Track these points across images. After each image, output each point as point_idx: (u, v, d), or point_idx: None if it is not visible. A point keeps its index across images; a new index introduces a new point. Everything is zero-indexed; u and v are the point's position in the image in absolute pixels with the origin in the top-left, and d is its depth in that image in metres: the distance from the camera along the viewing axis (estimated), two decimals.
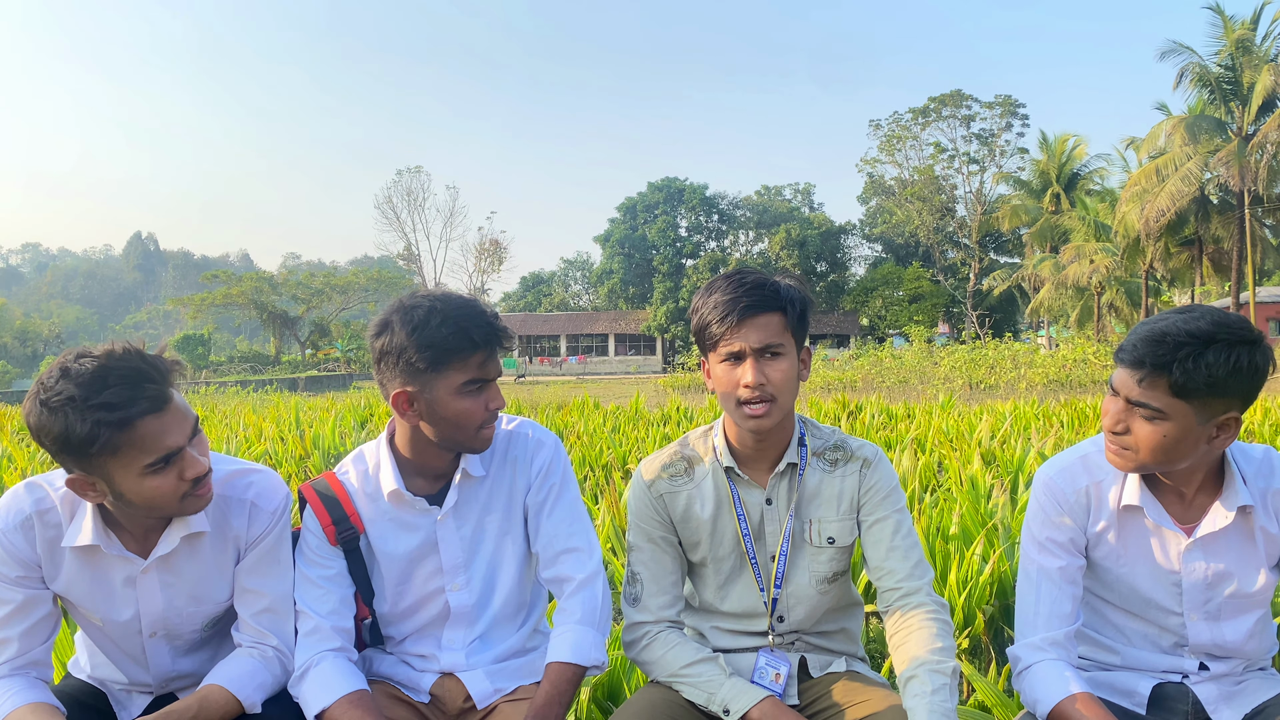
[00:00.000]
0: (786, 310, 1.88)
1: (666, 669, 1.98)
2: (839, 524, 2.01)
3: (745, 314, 1.86)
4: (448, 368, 1.83)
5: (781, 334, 1.88)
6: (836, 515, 2.01)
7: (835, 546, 2.01)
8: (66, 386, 1.61)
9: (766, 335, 1.86)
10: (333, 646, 1.93)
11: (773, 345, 1.87)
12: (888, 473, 2.02)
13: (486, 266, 73.78)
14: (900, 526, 1.98)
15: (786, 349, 1.88)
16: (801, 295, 1.91)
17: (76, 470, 1.68)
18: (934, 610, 1.91)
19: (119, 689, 2.03)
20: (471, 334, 1.83)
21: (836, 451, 2.04)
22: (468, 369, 1.85)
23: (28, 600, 1.83)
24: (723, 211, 64.22)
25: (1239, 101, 31.39)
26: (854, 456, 2.03)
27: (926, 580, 1.95)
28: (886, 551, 1.96)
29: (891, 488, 2.01)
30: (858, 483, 2.01)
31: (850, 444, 2.05)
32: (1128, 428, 1.74)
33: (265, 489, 1.95)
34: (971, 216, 60.18)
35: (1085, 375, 22.49)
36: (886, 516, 1.98)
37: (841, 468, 2.02)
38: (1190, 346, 1.62)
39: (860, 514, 2.02)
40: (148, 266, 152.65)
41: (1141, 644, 1.93)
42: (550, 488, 2.05)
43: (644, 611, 2.04)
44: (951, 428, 8.06)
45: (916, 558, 1.97)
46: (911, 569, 1.95)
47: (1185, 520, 1.85)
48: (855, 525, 2.02)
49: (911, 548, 1.97)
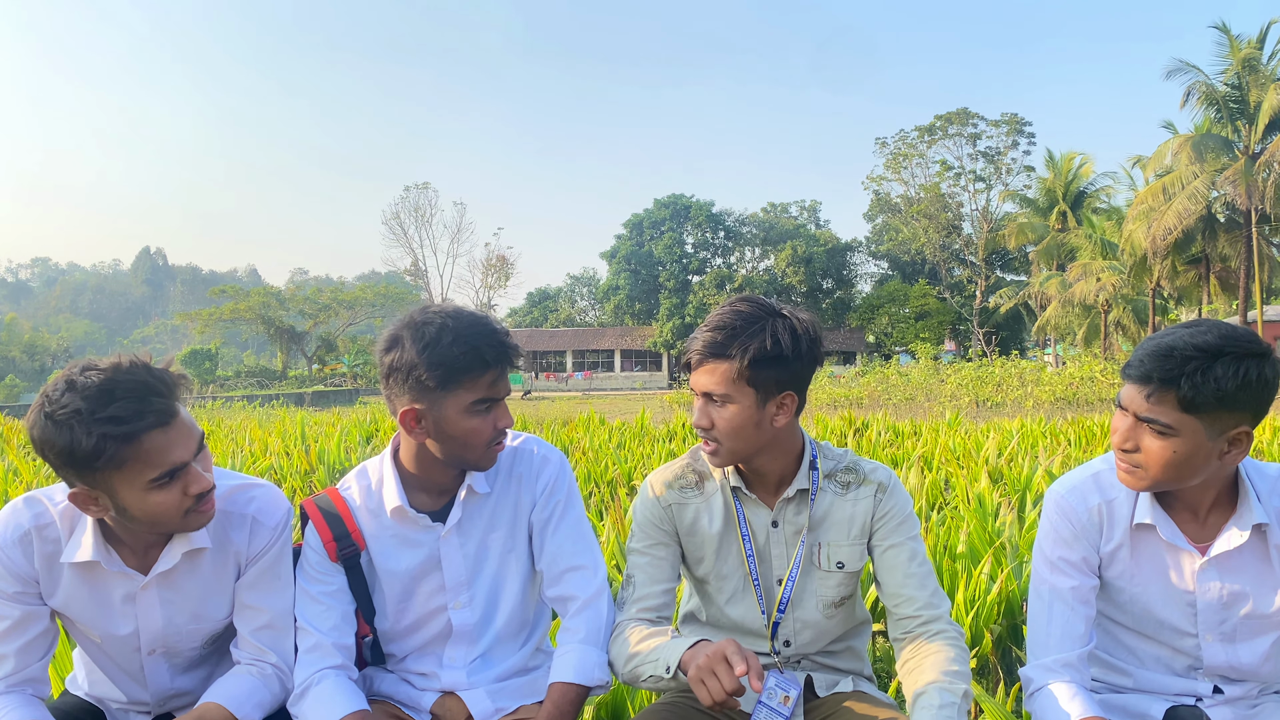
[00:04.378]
0: (739, 360, 1.80)
1: (624, 655, 1.89)
2: (849, 549, 1.97)
3: (698, 360, 1.86)
4: (458, 386, 1.81)
5: (728, 384, 1.82)
6: (847, 540, 1.97)
7: (844, 571, 1.98)
8: (73, 399, 1.59)
9: (710, 383, 1.84)
10: (333, 664, 1.91)
11: (715, 393, 1.84)
12: (903, 498, 1.98)
13: (493, 282, 74.03)
14: (916, 554, 1.94)
15: (735, 398, 1.83)
16: (773, 341, 1.80)
17: (80, 484, 1.66)
18: (953, 638, 1.88)
19: (117, 707, 2.01)
20: (484, 353, 1.80)
21: (849, 474, 2.00)
22: (478, 388, 1.83)
23: (25, 616, 1.81)
24: (729, 228, 64.30)
25: (1246, 120, 31.42)
26: (867, 480, 1.99)
27: (945, 609, 1.92)
28: (903, 578, 1.93)
29: (907, 514, 1.97)
30: (871, 507, 1.97)
31: (863, 467, 2.01)
32: (1137, 444, 1.71)
33: (266, 504, 1.94)
34: (978, 234, 60.22)
35: (1092, 393, 22.44)
36: (902, 543, 1.95)
37: (853, 491, 1.99)
38: (1198, 360, 1.60)
39: (873, 539, 1.98)
40: (156, 281, 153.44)
41: (1154, 666, 1.90)
42: (555, 505, 2.04)
43: (625, 612, 2.01)
44: (958, 445, 8.01)
45: (933, 585, 1.94)
46: (929, 597, 1.92)
47: (1199, 539, 1.82)
48: (865, 550, 1.99)
49: (928, 575, 1.94)
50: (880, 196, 65.48)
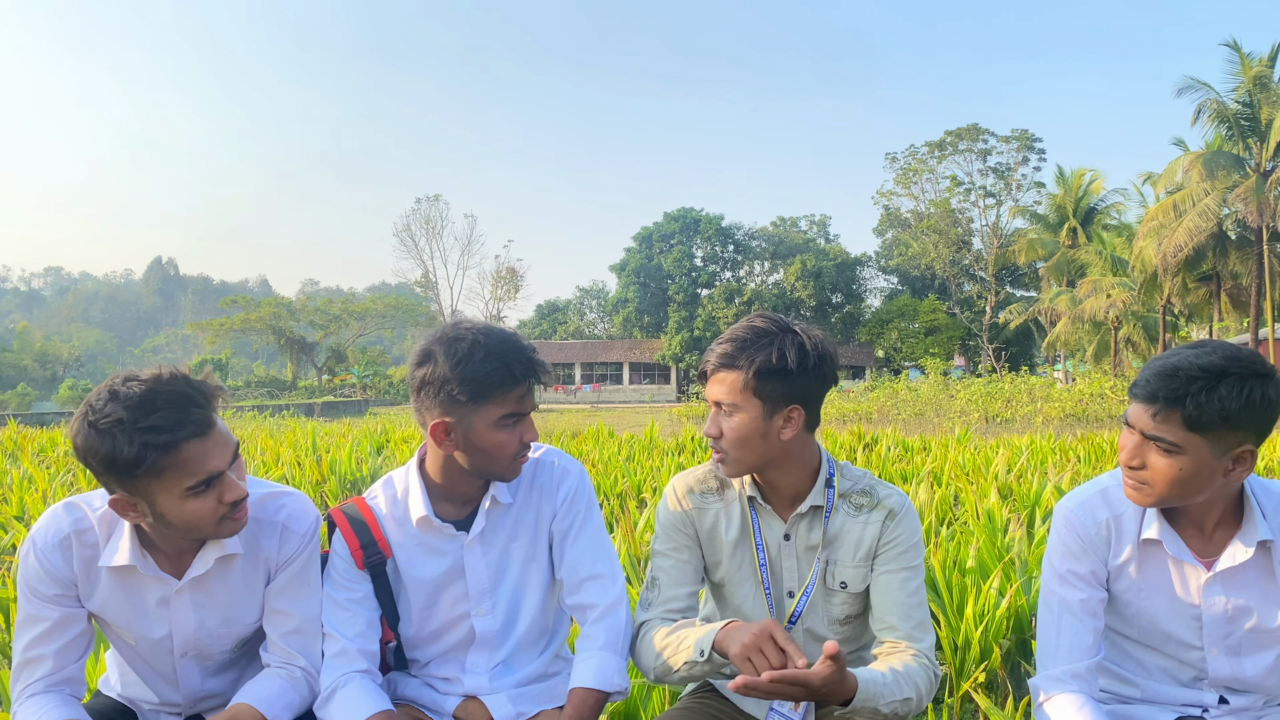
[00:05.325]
0: (746, 371, 1.86)
1: (652, 652, 1.95)
2: (854, 570, 2.00)
3: (711, 370, 1.93)
4: (488, 401, 1.87)
5: (736, 394, 1.88)
6: (853, 561, 2.00)
7: (848, 591, 2.01)
8: (115, 409, 1.65)
9: (720, 392, 1.91)
10: (359, 668, 1.96)
11: (724, 403, 1.91)
12: (911, 528, 1.99)
13: (503, 294, 74.18)
14: (908, 583, 1.95)
15: (742, 408, 1.88)
16: (779, 355, 1.85)
17: (120, 491, 1.72)
18: (926, 666, 1.88)
19: (149, 708, 2.07)
20: (514, 369, 1.86)
21: (864, 497, 2.02)
22: (507, 403, 1.89)
23: (64, 618, 1.87)
24: (738, 242, 64.32)
25: (1257, 138, 31.33)
26: (880, 505, 2.00)
27: (927, 643, 1.92)
28: (891, 605, 1.95)
29: (911, 544, 1.98)
30: (878, 532, 1.98)
31: (879, 491, 2.03)
32: (1144, 462, 1.75)
33: (296, 512, 1.99)
34: (988, 250, 60.15)
35: (1102, 410, 22.36)
36: (897, 570, 1.96)
37: (865, 514, 2.00)
38: (1202, 380, 1.64)
39: (875, 562, 2.00)
40: (167, 291, 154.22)
41: (1161, 678, 1.94)
42: (576, 515, 2.09)
43: (649, 611, 2.05)
44: (968, 461, 8.03)
45: (919, 618, 1.94)
46: (913, 629, 1.93)
47: (1205, 554, 1.86)
48: (870, 573, 2.00)
49: (916, 607, 1.95)
50: (890, 211, 65.52)
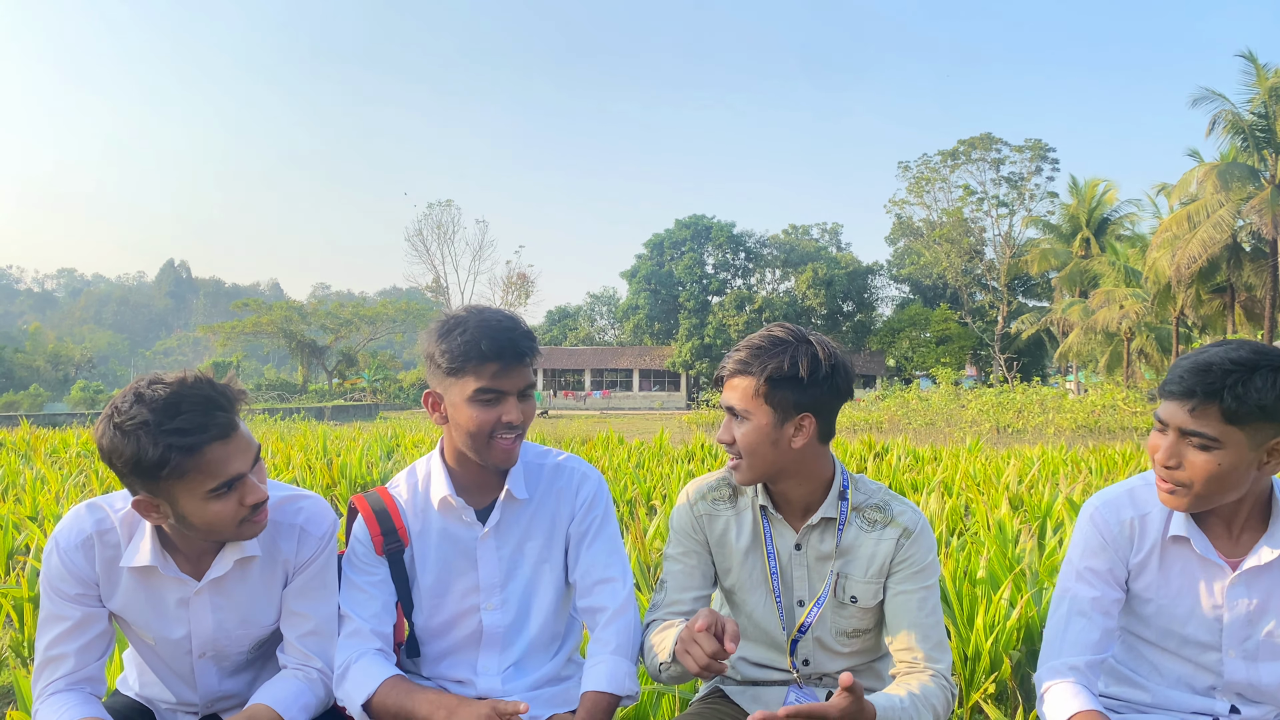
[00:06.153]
0: (758, 377, 1.89)
1: (649, 651, 1.99)
2: (864, 585, 2.00)
3: (727, 376, 1.96)
4: (463, 374, 1.94)
5: (748, 400, 1.90)
6: (864, 577, 2.00)
7: (858, 606, 2.01)
8: (140, 411, 1.68)
9: (734, 398, 1.93)
10: (373, 647, 2.00)
11: (737, 408, 1.93)
12: (926, 546, 1.98)
13: (513, 300, 74.25)
14: (925, 603, 1.96)
15: (753, 414, 1.90)
16: (790, 363, 1.87)
17: (143, 492, 1.75)
18: (944, 687, 1.90)
19: (166, 708, 2.09)
20: (480, 344, 1.91)
21: (878, 512, 2.01)
22: (480, 377, 1.94)
23: (85, 617, 1.90)
24: (750, 249, 64.29)
25: (1272, 149, 31.26)
26: (894, 521, 1.99)
27: (944, 664, 1.93)
28: (909, 626, 1.95)
29: (927, 563, 1.97)
30: (892, 550, 1.97)
31: (893, 507, 2.01)
32: (1180, 460, 1.75)
33: (314, 514, 2.02)
34: (1000, 259, 59.97)
35: (1114, 421, 22.27)
36: (914, 591, 1.96)
37: (879, 530, 1.99)
38: (1237, 373, 1.66)
39: (889, 580, 1.99)
40: (179, 293, 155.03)
41: (1175, 684, 1.94)
42: (593, 519, 2.13)
43: (655, 612, 2.09)
44: (979, 471, 8.01)
45: (938, 638, 1.95)
46: (932, 649, 1.93)
47: (1231, 554, 1.86)
48: (882, 589, 2.00)
49: (934, 626, 1.95)
50: (902, 220, 65.40)
